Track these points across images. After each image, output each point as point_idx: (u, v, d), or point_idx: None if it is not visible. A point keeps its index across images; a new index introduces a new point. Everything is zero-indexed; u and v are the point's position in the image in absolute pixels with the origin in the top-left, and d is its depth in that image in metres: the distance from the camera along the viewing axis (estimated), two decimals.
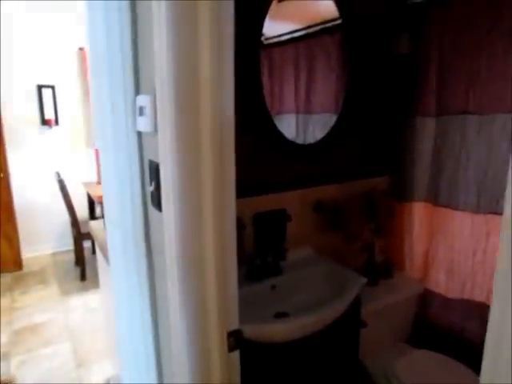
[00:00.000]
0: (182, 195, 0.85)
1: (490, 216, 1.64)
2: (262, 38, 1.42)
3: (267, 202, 1.56)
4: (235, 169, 0.90)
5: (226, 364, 0.97)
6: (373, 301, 1.67)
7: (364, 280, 1.47)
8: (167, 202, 0.88)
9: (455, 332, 1.82)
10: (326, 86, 1.72)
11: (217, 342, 0.96)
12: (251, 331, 1.20)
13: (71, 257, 3.80)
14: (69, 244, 3.92)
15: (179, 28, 0.77)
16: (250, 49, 1.39)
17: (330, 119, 1.72)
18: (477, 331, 1.74)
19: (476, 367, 1.61)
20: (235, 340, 0.99)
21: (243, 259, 1.48)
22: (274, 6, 1.41)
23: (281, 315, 1.41)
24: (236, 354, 1.00)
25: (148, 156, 1.02)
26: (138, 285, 1.13)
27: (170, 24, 0.76)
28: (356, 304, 1.46)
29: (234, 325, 0.99)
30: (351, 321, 1.47)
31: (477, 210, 1.68)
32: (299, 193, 1.66)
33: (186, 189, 0.85)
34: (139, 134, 1.05)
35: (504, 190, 1.59)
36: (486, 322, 1.79)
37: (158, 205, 0.98)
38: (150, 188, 1.00)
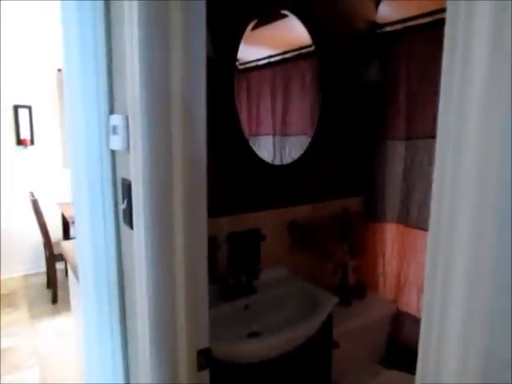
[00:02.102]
0: (152, 213, 0.86)
1: None
2: (237, 63, 1.47)
3: (242, 221, 1.58)
4: (208, 188, 0.92)
5: None
6: (346, 321, 1.68)
7: (336, 299, 1.49)
8: (138, 220, 0.89)
9: None
10: (302, 108, 1.79)
11: (186, 361, 0.95)
12: (223, 351, 1.20)
13: (44, 279, 3.68)
14: (42, 266, 3.81)
15: (151, 51, 0.80)
16: (224, 73, 1.44)
17: (305, 141, 1.77)
18: None
19: None
20: (205, 359, 0.99)
21: (217, 278, 1.48)
22: (248, 32, 1.47)
23: (254, 335, 1.40)
24: (206, 374, 0.99)
25: (121, 174, 1.03)
26: (108, 307, 1.12)
27: (143, 47, 0.79)
28: (328, 324, 1.47)
29: (204, 343, 0.99)
30: (323, 341, 1.48)
31: None
32: (274, 212, 1.69)
33: (157, 206, 0.86)
34: (112, 152, 1.07)
35: None
36: None
37: (129, 222, 0.99)
38: (122, 205, 1.01)
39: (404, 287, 1.92)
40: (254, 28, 1.49)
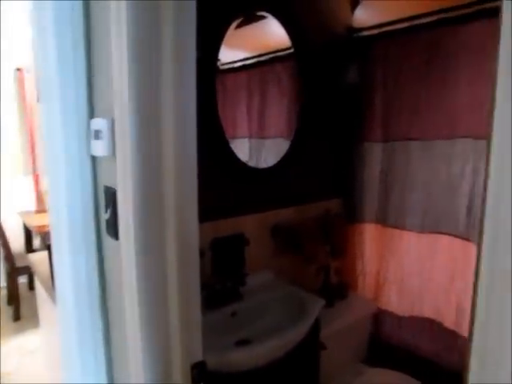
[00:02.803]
0: (142, 222, 0.81)
1: (434, 235, 1.75)
2: (218, 64, 1.44)
3: (225, 226, 1.54)
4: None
5: None
6: (330, 322, 1.68)
7: (322, 302, 1.48)
8: (126, 230, 0.84)
9: (407, 348, 1.87)
10: (280, 111, 1.77)
11: (180, 376, 0.90)
12: (211, 360, 1.15)
13: (3, 294, 3.45)
14: (1, 280, 3.57)
15: (141, 53, 0.75)
16: (206, 73, 1.40)
17: (284, 144, 1.76)
18: (427, 347, 1.81)
19: (430, 382, 1.66)
20: (199, 372, 0.94)
21: (202, 286, 1.43)
22: (231, 31, 1.44)
23: (242, 342, 1.37)
24: None
25: (103, 182, 0.97)
26: (90, 323, 1.05)
27: (131, 49, 0.74)
28: (316, 326, 1.46)
29: (198, 356, 0.95)
30: (312, 344, 1.46)
31: (422, 229, 1.78)
32: (256, 216, 1.66)
33: (147, 215, 0.81)
34: (93, 158, 1.00)
35: (446, 210, 1.68)
36: (435, 337, 1.86)
37: (114, 233, 0.93)
38: (106, 215, 0.95)
39: (384, 286, 1.95)
40: (236, 27, 1.46)
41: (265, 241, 1.69)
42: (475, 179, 1.60)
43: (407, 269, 1.85)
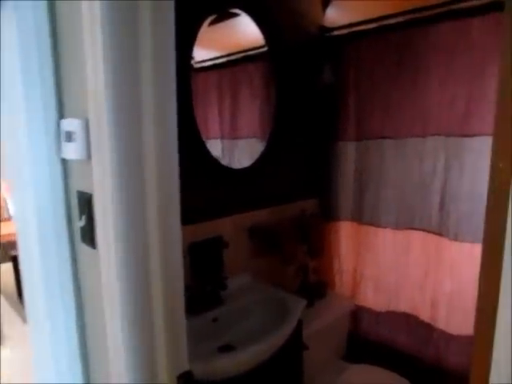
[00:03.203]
0: (125, 228, 0.76)
1: (409, 232, 1.78)
2: (192, 62, 1.39)
3: (203, 229, 1.50)
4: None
5: None
6: (310, 322, 1.67)
7: (304, 302, 1.47)
8: (106, 238, 0.78)
9: (385, 343, 1.90)
10: (253, 111, 1.75)
11: None
12: (194, 369, 1.11)
13: None
14: None
15: (118, 52, 0.70)
16: (181, 71, 1.35)
17: (258, 144, 1.74)
18: (404, 340, 1.84)
19: (408, 375, 1.69)
20: (186, 383, 0.90)
21: None
22: (204, 28, 1.40)
23: (226, 348, 1.33)
24: None
25: (76, 187, 0.91)
26: (65, 338, 0.98)
27: (108, 48, 0.69)
28: (298, 327, 1.45)
29: (184, 366, 0.91)
30: (295, 345, 1.45)
31: (396, 226, 1.81)
32: (234, 218, 1.63)
33: (130, 220, 0.76)
34: (64, 161, 0.94)
35: (419, 207, 1.71)
36: (412, 331, 1.89)
37: (90, 241, 0.87)
38: (80, 223, 0.89)
39: (360, 283, 1.96)
40: (210, 25, 1.42)
41: (243, 243, 1.66)
42: (447, 176, 1.64)
43: (383, 265, 1.87)
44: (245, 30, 1.66)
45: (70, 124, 0.84)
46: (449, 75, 1.58)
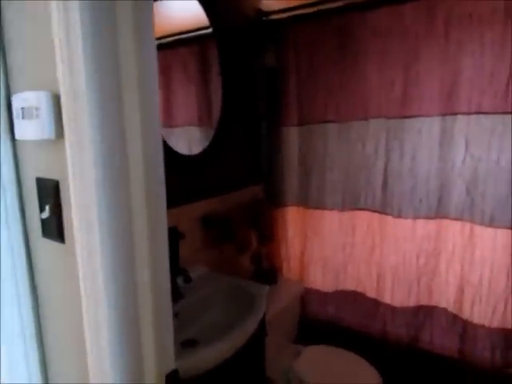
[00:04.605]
0: (108, 215, 0.67)
1: (354, 212, 1.87)
2: None
3: None
4: None
5: None
6: (266, 309, 1.67)
7: (267, 288, 1.46)
8: (84, 230, 0.68)
9: (335, 322, 1.98)
10: (201, 97, 1.68)
11: None
12: None
13: None
14: None
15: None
16: None
17: (206, 131, 1.68)
18: (353, 318, 1.93)
19: (359, 351, 1.77)
20: (173, 382, 0.84)
21: None
22: None
23: (189, 343, 1.27)
24: None
25: (34, 173, 0.78)
26: (23, 353, 0.84)
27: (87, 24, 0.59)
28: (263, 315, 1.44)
29: (171, 365, 0.84)
30: (260, 332, 1.43)
31: (342, 207, 1.89)
32: (185, 208, 1.55)
33: (114, 205, 0.67)
34: (14, 144, 0.80)
35: (363, 187, 1.80)
36: (360, 307, 1.97)
37: (57, 235, 0.76)
38: (43, 215, 0.76)
39: (309, 266, 2.02)
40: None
41: (196, 233, 1.60)
42: (388, 157, 1.74)
43: (330, 247, 1.94)
44: (188, 10, 1.57)
45: (28, 99, 0.71)
46: (387, 59, 1.67)
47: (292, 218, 2.03)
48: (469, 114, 1.55)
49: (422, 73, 1.61)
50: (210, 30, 1.62)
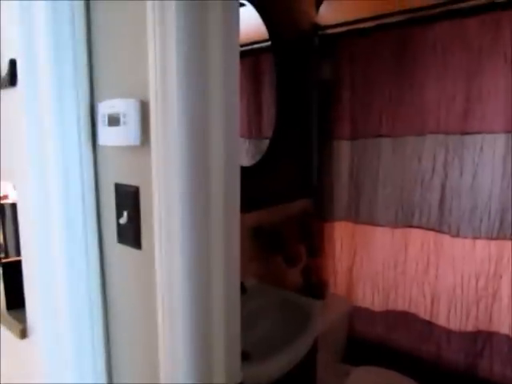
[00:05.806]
0: (190, 224, 0.67)
1: (407, 229, 1.80)
2: None
3: None
4: None
5: None
6: None
7: (320, 304, 1.43)
8: (164, 237, 0.68)
9: (385, 343, 1.89)
10: (260, 109, 1.69)
11: None
12: None
13: None
14: None
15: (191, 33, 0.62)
16: None
17: (261, 143, 1.68)
18: (404, 340, 1.85)
19: (409, 373, 1.68)
20: None
21: None
22: None
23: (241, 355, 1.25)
24: None
25: (114, 179, 0.79)
26: (91, 352, 0.85)
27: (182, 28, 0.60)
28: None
29: (238, 377, 0.82)
30: (312, 350, 1.39)
31: (395, 224, 1.83)
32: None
33: (195, 214, 0.67)
34: (95, 149, 0.82)
35: (418, 204, 1.74)
36: (411, 329, 1.87)
37: (134, 241, 0.77)
38: (121, 220, 0.77)
39: (358, 283, 1.96)
40: None
41: (247, 243, 1.59)
42: (447, 173, 1.68)
43: (381, 264, 1.88)
44: (248, 23, 1.59)
45: (116, 106, 0.73)
46: (447, 74, 1.62)
47: (341, 232, 1.99)
48: None
49: (486, 88, 1.55)
50: (267, 43, 1.63)
